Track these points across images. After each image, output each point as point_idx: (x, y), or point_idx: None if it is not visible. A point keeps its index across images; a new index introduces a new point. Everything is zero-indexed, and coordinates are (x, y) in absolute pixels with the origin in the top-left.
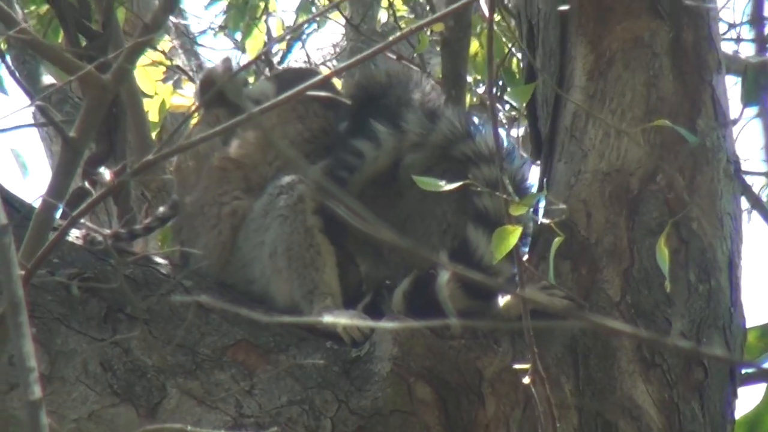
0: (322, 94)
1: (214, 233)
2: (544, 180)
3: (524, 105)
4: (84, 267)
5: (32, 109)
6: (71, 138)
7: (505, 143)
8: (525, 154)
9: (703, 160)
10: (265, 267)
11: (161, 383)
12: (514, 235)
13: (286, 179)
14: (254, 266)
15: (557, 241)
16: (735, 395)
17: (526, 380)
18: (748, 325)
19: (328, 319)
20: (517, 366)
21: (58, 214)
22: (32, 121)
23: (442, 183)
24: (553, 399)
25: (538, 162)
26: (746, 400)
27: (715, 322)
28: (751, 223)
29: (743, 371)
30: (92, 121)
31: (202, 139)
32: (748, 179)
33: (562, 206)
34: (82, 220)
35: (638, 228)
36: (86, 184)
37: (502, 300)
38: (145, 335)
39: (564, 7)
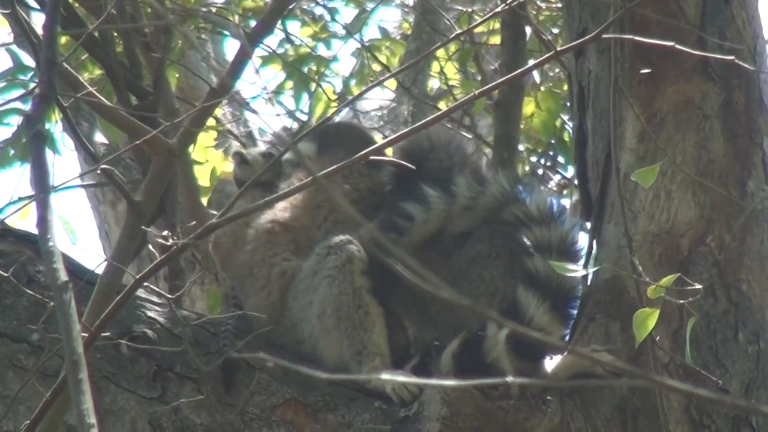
0: (387, 158)
1: (263, 294)
2: (593, 242)
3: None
4: (132, 325)
5: (80, 168)
6: (137, 201)
7: (555, 206)
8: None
9: (753, 222)
10: (314, 327)
11: None
12: (652, 317)
13: (335, 239)
14: (303, 326)
15: (692, 320)
16: None
17: None
18: None
19: (377, 378)
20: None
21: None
22: (80, 182)
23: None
24: None
25: (588, 224)
26: None
27: (764, 383)
28: None
29: None
30: (158, 184)
31: (262, 205)
32: None
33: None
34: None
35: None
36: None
37: (551, 362)
38: (194, 394)
39: (645, 70)
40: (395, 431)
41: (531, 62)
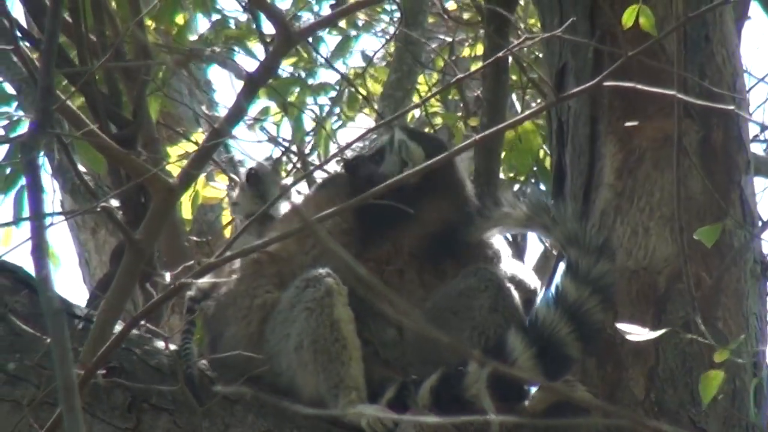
0: (385, 202)
1: (243, 324)
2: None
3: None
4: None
5: (59, 197)
6: (136, 240)
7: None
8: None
9: (730, 261)
10: (291, 360)
11: None
12: (717, 379)
13: (314, 272)
14: (281, 359)
15: (755, 381)
16: None
17: None
18: None
19: (353, 411)
20: None
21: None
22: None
23: None
24: None
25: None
26: None
27: (739, 422)
28: None
29: None
30: (158, 223)
31: (264, 244)
32: None
33: None
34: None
35: (664, 326)
36: (147, 285)
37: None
38: (170, 425)
39: (630, 123)
40: None
41: (513, 96)
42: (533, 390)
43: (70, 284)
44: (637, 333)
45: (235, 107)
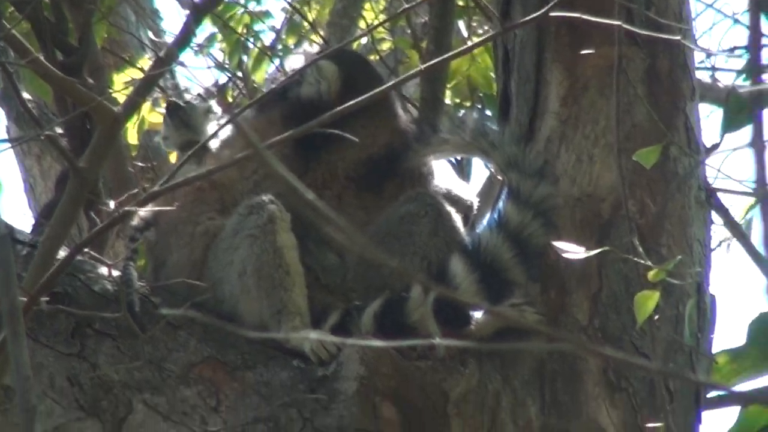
0: (332, 131)
1: (185, 251)
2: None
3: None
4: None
5: (5, 124)
6: (80, 168)
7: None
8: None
9: (674, 187)
10: (234, 286)
11: (127, 399)
12: (652, 299)
13: (256, 199)
14: (224, 285)
15: (692, 302)
16: (699, 420)
17: None
18: (721, 349)
19: (295, 336)
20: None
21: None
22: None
23: None
24: (519, 420)
25: None
26: (715, 425)
27: (682, 347)
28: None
29: (710, 396)
30: (103, 151)
31: (209, 172)
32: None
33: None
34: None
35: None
36: (92, 213)
37: (473, 323)
38: (113, 351)
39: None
40: (313, 390)
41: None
42: (478, 315)
43: (16, 210)
44: (574, 252)
45: (180, 34)
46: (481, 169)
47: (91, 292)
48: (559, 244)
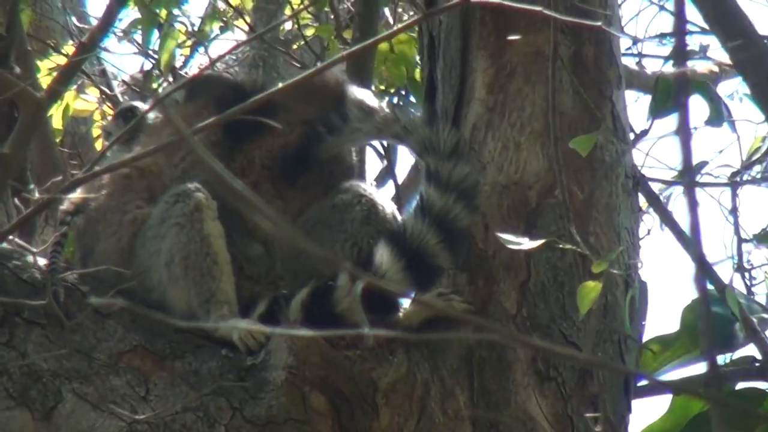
0: (258, 118)
1: (113, 240)
2: None
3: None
4: None
5: None
6: (3, 154)
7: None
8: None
9: (601, 175)
10: (162, 275)
11: (57, 388)
12: (595, 290)
13: (183, 187)
14: (152, 274)
15: (632, 291)
16: (629, 409)
17: None
18: (653, 336)
19: (225, 325)
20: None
21: None
22: None
23: None
24: (448, 410)
25: None
26: (643, 413)
27: (611, 336)
28: (660, 236)
29: (639, 384)
30: (26, 137)
31: (133, 159)
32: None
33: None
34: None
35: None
36: (16, 200)
37: (401, 312)
38: (42, 339)
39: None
40: (241, 379)
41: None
42: (406, 304)
43: None
44: (515, 242)
45: (103, 19)
46: (406, 157)
47: (19, 280)
48: (500, 235)
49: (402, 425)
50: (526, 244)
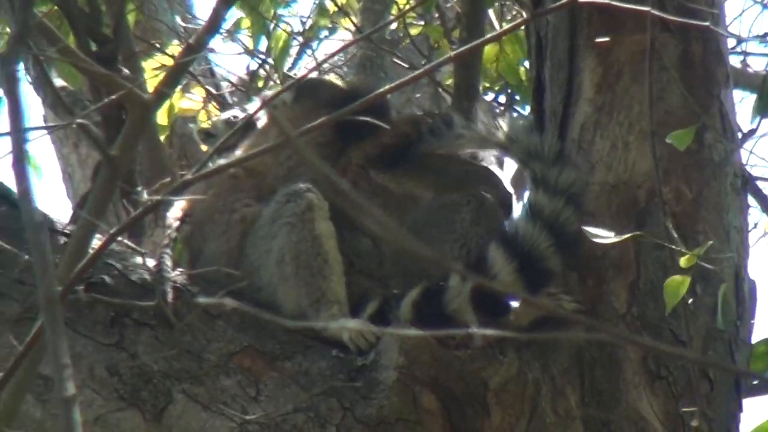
0: (363, 119)
1: (222, 240)
2: None
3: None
4: (90, 271)
5: (42, 111)
6: (112, 156)
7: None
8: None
9: (710, 174)
10: (272, 274)
11: (167, 388)
12: (683, 284)
13: (295, 187)
14: (262, 273)
15: (724, 287)
16: (740, 408)
17: None
18: (758, 338)
19: (335, 325)
20: None
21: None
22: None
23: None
24: (559, 409)
25: None
26: (754, 412)
27: (721, 335)
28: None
29: (749, 383)
30: (133, 139)
31: (242, 159)
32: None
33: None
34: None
35: (645, 240)
36: (125, 201)
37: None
38: (152, 340)
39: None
40: (352, 379)
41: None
42: (516, 304)
43: (54, 200)
44: (605, 237)
45: (210, 20)
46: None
47: (129, 281)
48: (590, 229)
49: (513, 425)
50: (611, 238)
